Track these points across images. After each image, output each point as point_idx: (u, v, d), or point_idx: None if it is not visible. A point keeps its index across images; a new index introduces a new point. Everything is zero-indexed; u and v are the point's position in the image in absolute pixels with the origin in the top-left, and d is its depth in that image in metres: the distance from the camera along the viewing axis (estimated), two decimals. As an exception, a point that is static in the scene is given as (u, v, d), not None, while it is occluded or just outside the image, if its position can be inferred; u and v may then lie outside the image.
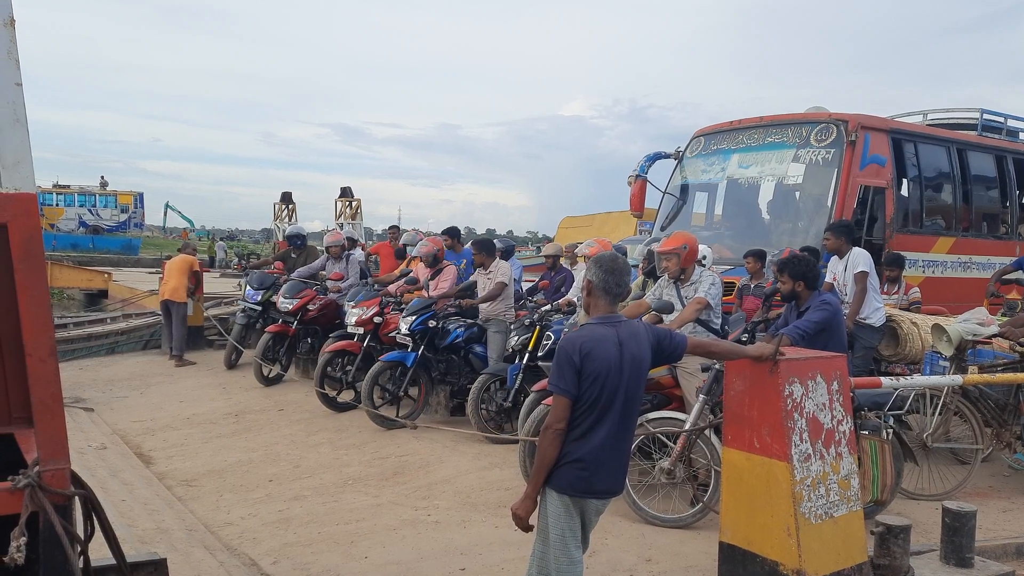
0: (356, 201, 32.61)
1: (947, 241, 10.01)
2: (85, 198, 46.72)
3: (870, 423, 5.14)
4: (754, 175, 10.05)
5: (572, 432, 3.08)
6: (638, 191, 11.14)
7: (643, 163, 11.13)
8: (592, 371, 3.03)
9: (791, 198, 9.92)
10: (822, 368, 3.69)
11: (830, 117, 9.39)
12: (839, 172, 8.95)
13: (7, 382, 2.48)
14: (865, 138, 9.14)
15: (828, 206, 8.93)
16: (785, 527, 3.44)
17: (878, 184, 9.23)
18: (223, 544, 4.84)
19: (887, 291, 8.23)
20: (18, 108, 2.02)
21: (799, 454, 3.49)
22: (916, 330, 7.02)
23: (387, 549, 4.77)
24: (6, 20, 1.99)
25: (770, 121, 10.03)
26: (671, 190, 10.98)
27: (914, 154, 9.92)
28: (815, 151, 9.27)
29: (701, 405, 5.05)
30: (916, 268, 9.54)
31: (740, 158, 10.20)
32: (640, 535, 4.91)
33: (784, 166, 9.63)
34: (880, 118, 9.83)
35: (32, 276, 2.02)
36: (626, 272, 3.26)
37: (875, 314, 7.04)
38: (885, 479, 4.99)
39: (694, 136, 11.01)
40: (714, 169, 10.56)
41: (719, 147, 10.50)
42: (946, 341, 6.00)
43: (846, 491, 3.67)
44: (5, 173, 2.01)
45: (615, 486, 3.18)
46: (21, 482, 2.07)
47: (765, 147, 9.87)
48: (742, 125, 10.35)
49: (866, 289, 6.98)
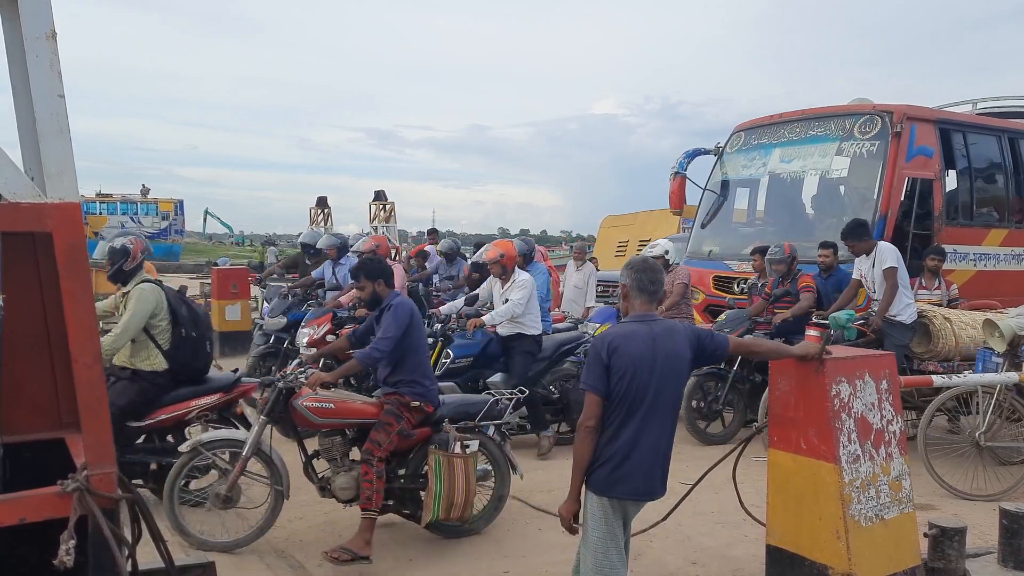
0: (390, 204, 32.83)
1: (999, 233, 9.65)
2: (127, 206, 47.69)
3: (439, 436, 4.71)
4: (796, 169, 9.80)
5: (605, 432, 3.06)
6: (677, 188, 10.95)
7: (682, 160, 10.91)
8: (620, 366, 3.01)
9: (835, 192, 9.68)
10: (870, 367, 3.61)
11: (874, 108, 9.11)
12: (884, 164, 8.69)
13: (57, 387, 2.54)
14: (911, 129, 8.84)
15: (874, 199, 8.68)
16: (834, 530, 3.37)
17: (926, 176, 8.96)
18: (271, 547, 4.89)
19: (927, 285, 8.01)
20: (61, 119, 2.06)
21: (847, 455, 3.42)
22: (949, 326, 6.77)
23: (431, 552, 4.78)
24: (48, 33, 2.04)
25: (813, 114, 9.78)
26: (711, 186, 10.75)
27: (963, 144, 9.58)
28: (859, 143, 9.01)
29: (260, 427, 4.64)
30: (967, 261, 9.25)
31: (782, 152, 9.96)
32: (686, 538, 4.86)
33: (828, 159, 9.37)
34: (926, 108, 9.51)
35: (77, 284, 2.06)
36: (658, 270, 3.25)
37: (906, 310, 6.83)
38: (452, 496, 4.56)
39: (734, 131, 10.80)
40: (755, 164, 10.33)
41: (760, 142, 10.28)
42: (998, 336, 5.81)
43: (897, 493, 3.58)
44: (49, 183, 2.06)
45: (652, 487, 3.13)
46: (70, 486, 2.10)
47: (808, 140, 9.62)
48: (783, 119, 10.12)
49: (896, 285, 6.78)
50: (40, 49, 2.06)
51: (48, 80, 2.04)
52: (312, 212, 33.36)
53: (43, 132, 2.07)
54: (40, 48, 2.06)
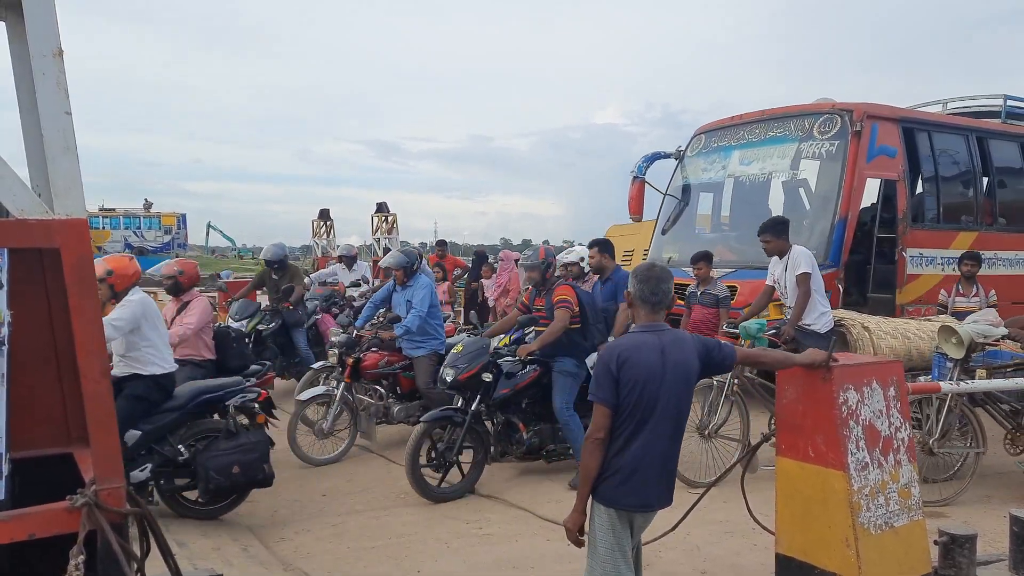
0: (392, 216, 32.86)
1: (968, 236, 9.30)
2: (130, 220, 47.77)
3: None
4: (756, 172, 9.45)
5: (614, 443, 3.04)
6: (636, 193, 10.45)
7: (641, 164, 10.47)
8: (630, 378, 2.99)
9: (795, 195, 9.38)
10: (878, 374, 3.60)
11: (834, 107, 8.78)
12: (844, 165, 8.38)
13: (65, 403, 2.54)
14: (872, 128, 8.54)
15: (834, 202, 8.36)
16: (843, 538, 3.35)
17: (888, 177, 8.68)
18: (278, 559, 4.89)
19: (963, 292, 7.71)
20: (68, 136, 2.08)
21: (856, 463, 3.40)
22: (867, 335, 6.38)
23: (439, 563, 4.77)
24: (54, 50, 2.06)
25: (772, 114, 9.44)
26: (672, 191, 10.40)
27: (929, 144, 9.27)
28: (819, 144, 8.70)
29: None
30: (934, 266, 8.96)
31: (741, 155, 9.62)
32: (694, 547, 4.83)
33: (787, 161, 9.06)
34: (889, 106, 9.14)
35: (85, 299, 2.07)
36: (663, 280, 3.17)
37: (821, 319, 6.36)
38: None
39: (695, 134, 10.46)
40: (715, 168, 9.99)
41: (720, 144, 9.93)
42: (956, 343, 5.69)
43: (907, 500, 3.57)
44: (57, 199, 2.07)
45: (661, 497, 3.12)
46: (78, 501, 2.11)
47: (767, 142, 9.29)
48: (744, 120, 9.78)
49: (809, 292, 6.31)
50: (47, 67, 2.08)
51: (55, 97, 2.05)
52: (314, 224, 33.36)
53: (50, 149, 2.09)
54: (47, 66, 2.08)
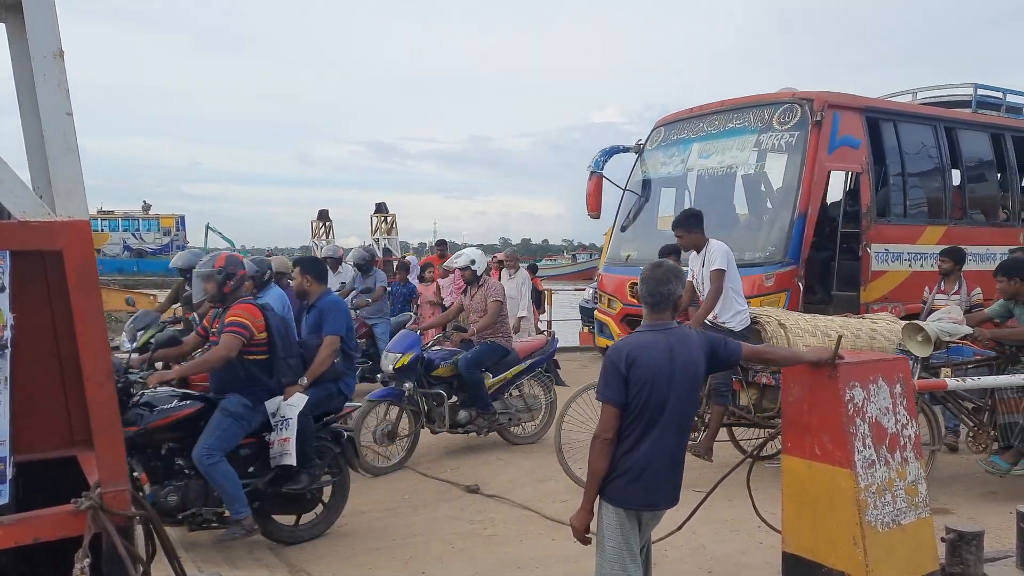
0: (391, 216, 32.91)
1: (936, 231, 9.02)
2: (129, 223, 47.84)
3: None
4: (715, 165, 9.10)
5: (623, 443, 3.02)
6: (593, 189, 10.03)
7: (598, 158, 10.07)
8: (639, 378, 2.97)
9: (756, 189, 9.13)
10: (884, 371, 3.58)
11: (793, 96, 8.47)
12: (804, 157, 8.04)
13: (69, 405, 2.53)
14: (834, 118, 8.21)
15: (794, 196, 8.04)
16: (850, 536, 3.34)
17: (851, 168, 8.44)
18: (283, 561, 4.88)
19: (944, 290, 7.35)
20: (69, 137, 2.07)
21: (862, 461, 3.39)
22: (783, 332, 5.98)
23: (444, 564, 4.76)
24: (55, 52, 2.05)
25: (731, 105, 9.09)
26: (631, 187, 10.04)
27: (895, 135, 8.95)
28: (779, 135, 8.40)
29: None
30: (901, 262, 8.70)
31: (700, 147, 9.28)
32: (700, 546, 4.82)
33: (746, 154, 8.77)
34: (851, 95, 8.82)
35: (88, 301, 2.06)
36: (662, 281, 3.09)
37: (736, 317, 6.02)
38: None
39: (655, 126, 10.08)
40: (674, 161, 9.64)
41: (680, 136, 9.58)
42: (922, 340, 5.63)
43: (914, 498, 3.55)
44: (59, 201, 2.06)
45: (668, 496, 3.11)
46: (84, 504, 2.10)
47: (726, 134, 8.97)
48: (703, 111, 9.38)
49: (721, 288, 5.95)
50: (48, 68, 2.07)
51: (56, 98, 2.04)
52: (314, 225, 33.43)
53: (51, 150, 2.07)
54: (48, 67, 2.07)
